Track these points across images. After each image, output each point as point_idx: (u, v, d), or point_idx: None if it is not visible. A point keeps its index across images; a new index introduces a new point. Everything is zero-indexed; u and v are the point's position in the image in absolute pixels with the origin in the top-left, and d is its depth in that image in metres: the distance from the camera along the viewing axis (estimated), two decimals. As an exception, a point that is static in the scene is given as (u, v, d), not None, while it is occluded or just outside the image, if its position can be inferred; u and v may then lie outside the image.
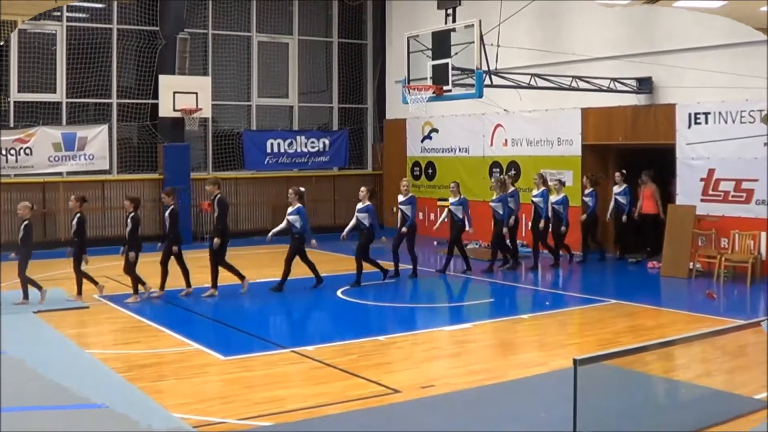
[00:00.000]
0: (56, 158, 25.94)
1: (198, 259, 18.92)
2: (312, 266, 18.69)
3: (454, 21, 21.73)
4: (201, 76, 27.90)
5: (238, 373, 11.96)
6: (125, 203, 17.93)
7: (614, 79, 21.55)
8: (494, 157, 25.95)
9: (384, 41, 30.71)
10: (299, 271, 18.77)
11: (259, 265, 19.25)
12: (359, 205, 19.46)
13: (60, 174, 26.13)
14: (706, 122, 20.28)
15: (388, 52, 30.47)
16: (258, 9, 29.35)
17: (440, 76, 20.18)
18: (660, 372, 11.57)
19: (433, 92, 20.15)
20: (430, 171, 28.27)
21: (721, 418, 9.38)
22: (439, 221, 22.48)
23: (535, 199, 21.50)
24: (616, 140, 22.68)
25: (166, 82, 26.64)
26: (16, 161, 25.34)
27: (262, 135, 29.24)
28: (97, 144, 26.43)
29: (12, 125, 25.65)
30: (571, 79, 21.31)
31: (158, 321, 15.48)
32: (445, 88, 20.12)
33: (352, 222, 19.69)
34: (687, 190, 20.70)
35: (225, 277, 18.18)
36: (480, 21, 19.70)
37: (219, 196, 18.07)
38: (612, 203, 22.34)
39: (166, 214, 17.72)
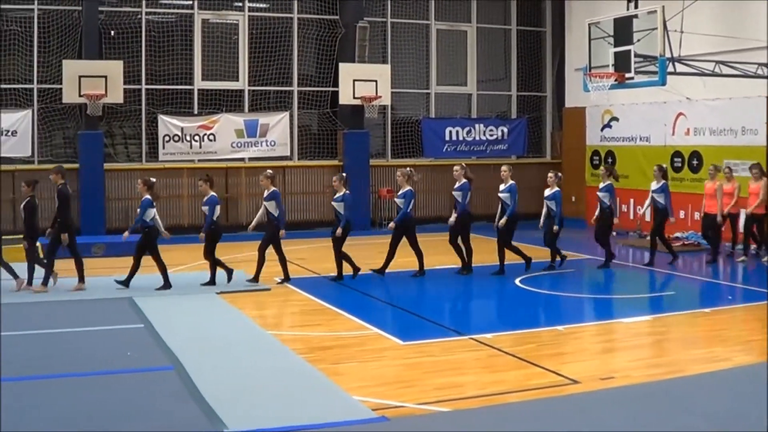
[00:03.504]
0: (239, 144, 26.57)
1: (376, 245, 18.99)
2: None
3: (636, 7, 21.39)
4: (380, 64, 28.10)
5: (416, 358, 12.00)
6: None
7: (803, 67, 20.82)
8: (676, 146, 25.35)
9: (563, 28, 30.31)
10: (485, 258, 18.82)
11: (435, 251, 19.28)
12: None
13: (242, 160, 26.72)
14: None
15: (567, 40, 30.07)
16: (436, -4, 29.44)
17: (622, 63, 19.86)
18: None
19: (615, 80, 19.85)
20: (609, 160, 27.82)
21: None
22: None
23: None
24: (804, 130, 21.90)
25: (346, 70, 26.92)
26: (200, 147, 26.07)
27: (441, 123, 29.27)
28: (278, 131, 26.95)
29: (196, 112, 26.35)
30: (756, 66, 20.66)
31: (337, 304, 15.72)
32: (627, 75, 19.81)
33: (544, 210, 19.56)
34: None
35: (401, 263, 18.37)
36: (663, 7, 19.31)
37: (61, 186, 16.89)
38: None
39: (21, 206, 17.08)
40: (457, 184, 18.85)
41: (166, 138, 25.75)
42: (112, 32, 25.57)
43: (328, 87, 27.72)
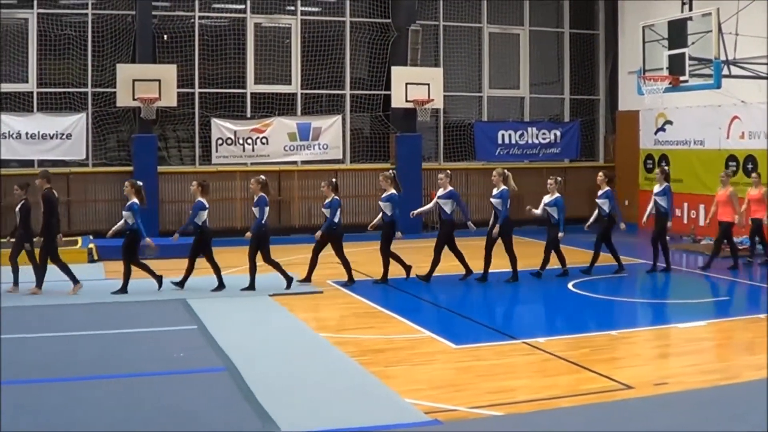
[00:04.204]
0: (291, 147, 26.65)
1: (427, 249, 18.92)
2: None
3: (690, 9, 21.22)
4: (432, 67, 28.07)
5: (469, 361, 12.00)
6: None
7: None
8: (730, 150, 25.10)
9: (616, 31, 30.10)
10: (528, 263, 18.73)
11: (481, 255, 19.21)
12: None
13: (295, 163, 26.81)
14: None
15: (620, 43, 29.85)
16: (489, 0, 29.32)
17: (677, 66, 19.73)
18: None
19: (670, 83, 19.70)
20: (663, 164, 27.61)
21: None
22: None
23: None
24: None
25: (399, 74, 26.94)
26: (253, 150, 26.20)
27: (493, 126, 29.18)
28: (330, 134, 27.02)
29: (249, 116, 26.48)
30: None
31: (390, 308, 15.74)
32: (681, 78, 19.67)
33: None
34: None
35: (450, 267, 18.34)
36: (718, 9, 19.15)
37: (46, 190, 16.73)
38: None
39: (17, 209, 16.81)
40: (441, 191, 18.51)
41: (219, 141, 25.91)
42: (165, 36, 25.78)
43: (380, 90, 27.76)
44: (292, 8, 27.19)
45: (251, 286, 17.07)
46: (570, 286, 17.85)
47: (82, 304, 15.77)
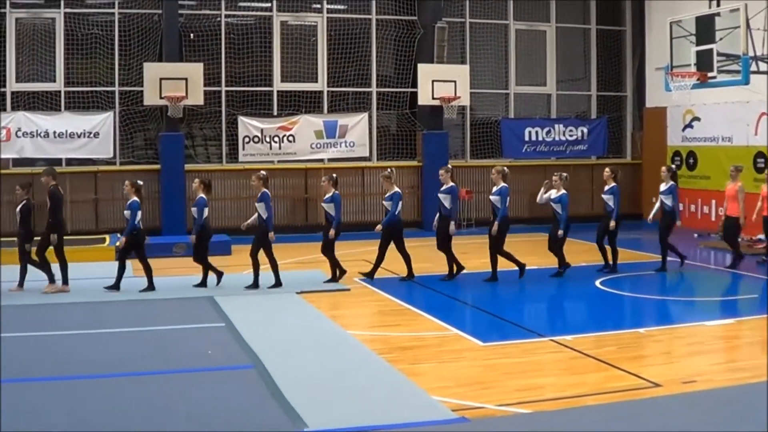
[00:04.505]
0: (318, 145, 26.70)
1: (455, 246, 18.87)
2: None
3: (718, 5, 21.10)
4: (459, 64, 28.04)
5: (496, 359, 11.96)
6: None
7: None
8: (758, 146, 24.93)
9: (643, 27, 29.97)
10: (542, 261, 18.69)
11: (518, 252, 19.12)
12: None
13: (321, 161, 26.86)
14: None
15: (647, 39, 29.72)
16: (515, -3, 29.33)
17: (705, 62, 19.64)
18: None
19: (697, 79, 19.61)
20: (691, 161, 27.49)
21: None
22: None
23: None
24: None
25: (425, 71, 26.93)
26: (280, 148, 26.26)
27: (520, 123, 29.11)
28: (357, 131, 27.03)
29: (276, 114, 26.53)
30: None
31: (417, 305, 15.74)
32: (709, 74, 19.58)
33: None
34: None
35: (475, 265, 18.29)
36: (746, 5, 19.03)
37: (52, 187, 16.71)
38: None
39: (17, 209, 16.78)
40: (444, 186, 18.37)
41: (246, 139, 25.99)
42: (192, 35, 25.86)
43: (406, 88, 27.76)
44: (318, 6, 27.23)
45: (277, 283, 17.11)
46: (597, 283, 17.79)
47: (108, 302, 15.85)
